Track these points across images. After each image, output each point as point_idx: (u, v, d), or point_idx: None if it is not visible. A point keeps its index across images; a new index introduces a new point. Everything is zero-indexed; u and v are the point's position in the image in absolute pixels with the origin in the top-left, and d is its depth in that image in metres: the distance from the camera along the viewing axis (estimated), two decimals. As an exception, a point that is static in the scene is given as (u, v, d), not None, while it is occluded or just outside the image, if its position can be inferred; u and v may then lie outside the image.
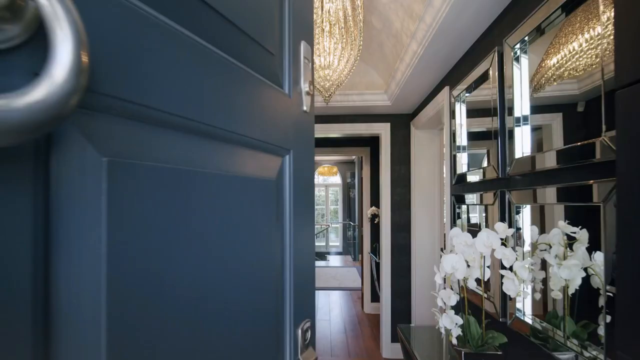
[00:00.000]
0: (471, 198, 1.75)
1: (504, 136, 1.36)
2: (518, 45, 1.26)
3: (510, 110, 1.30)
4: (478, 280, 1.29)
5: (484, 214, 1.69)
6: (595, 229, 0.97)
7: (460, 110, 1.87)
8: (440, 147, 3.06)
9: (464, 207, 1.85)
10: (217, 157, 0.44)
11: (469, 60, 1.80)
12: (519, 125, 1.27)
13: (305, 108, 0.68)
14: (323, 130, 3.27)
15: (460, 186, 1.92)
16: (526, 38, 1.24)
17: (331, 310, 4.86)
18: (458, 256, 1.23)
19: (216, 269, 0.42)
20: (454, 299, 1.20)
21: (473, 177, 1.71)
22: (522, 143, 1.25)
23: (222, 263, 0.43)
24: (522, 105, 1.26)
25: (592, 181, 0.96)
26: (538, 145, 1.21)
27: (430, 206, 3.06)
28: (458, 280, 1.29)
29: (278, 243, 0.59)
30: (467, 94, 1.80)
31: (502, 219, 1.37)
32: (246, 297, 0.48)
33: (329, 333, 4.02)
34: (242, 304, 0.48)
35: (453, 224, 2.00)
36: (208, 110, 0.41)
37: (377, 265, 4.18)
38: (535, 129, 1.22)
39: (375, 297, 4.60)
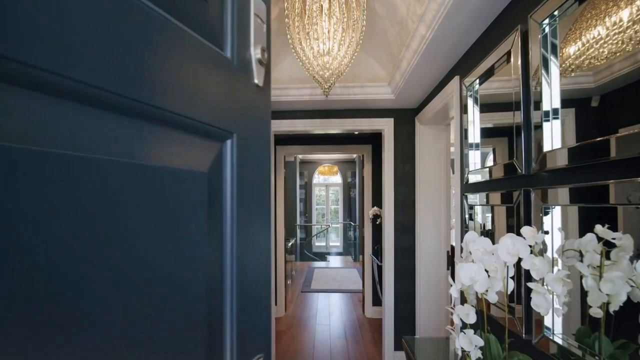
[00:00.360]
0: (486, 198, 1.57)
1: (529, 129, 1.19)
2: (547, 21, 1.09)
3: (538, 104, 1.13)
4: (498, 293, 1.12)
5: (488, 215, 1.52)
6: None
7: (473, 101, 1.70)
8: (447, 144, 2.89)
9: (477, 208, 1.67)
10: (111, 137, 0.27)
11: (485, 43, 1.62)
12: (548, 120, 1.09)
13: (257, 81, 0.51)
14: (322, 126, 3.09)
15: (472, 185, 1.75)
16: (556, 12, 1.06)
17: (331, 313, 4.69)
18: (477, 265, 1.05)
19: (107, 293, 0.26)
20: (473, 317, 1.03)
21: (487, 175, 1.54)
22: (552, 135, 1.08)
23: (118, 286, 0.27)
24: (552, 93, 1.08)
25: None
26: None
27: (437, 206, 2.88)
28: (476, 293, 1.12)
29: (213, 255, 0.42)
30: (480, 83, 1.62)
31: (527, 222, 1.19)
32: (162, 330, 0.32)
33: (328, 338, 3.86)
34: (156, 340, 0.31)
35: (464, 226, 1.83)
36: (96, 65, 0.25)
37: (379, 267, 4.01)
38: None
39: (377, 301, 4.43)
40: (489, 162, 1.60)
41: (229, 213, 0.43)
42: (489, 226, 1.60)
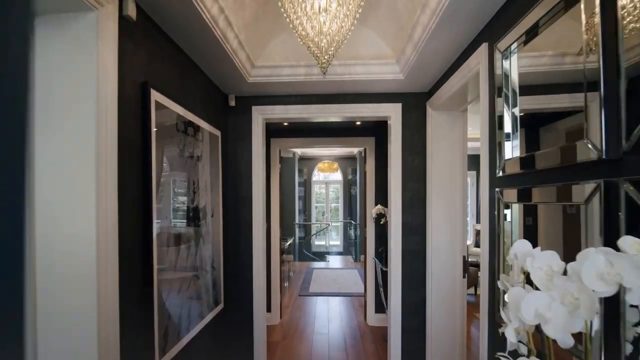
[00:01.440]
0: (528, 195, 1.20)
1: (612, 93, 0.82)
2: None
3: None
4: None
5: (528, 217, 1.16)
6: None
7: (511, 72, 1.33)
8: (464, 132, 2.52)
9: (515, 206, 1.30)
10: None
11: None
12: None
13: None
14: (320, 113, 2.71)
15: (509, 178, 1.38)
16: None
17: (330, 320, 4.33)
18: (548, 296, 0.69)
19: None
20: (546, 377, 0.66)
21: (531, 164, 1.17)
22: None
23: None
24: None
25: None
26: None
27: (451, 204, 2.51)
28: (535, 328, 0.75)
29: None
30: (520, 49, 1.25)
31: (609, 228, 0.82)
32: None
33: (327, 350, 3.50)
34: None
35: (497, 229, 1.46)
36: None
37: (383, 272, 3.64)
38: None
39: (380, 307, 4.06)
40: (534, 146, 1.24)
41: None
42: (530, 230, 1.23)
